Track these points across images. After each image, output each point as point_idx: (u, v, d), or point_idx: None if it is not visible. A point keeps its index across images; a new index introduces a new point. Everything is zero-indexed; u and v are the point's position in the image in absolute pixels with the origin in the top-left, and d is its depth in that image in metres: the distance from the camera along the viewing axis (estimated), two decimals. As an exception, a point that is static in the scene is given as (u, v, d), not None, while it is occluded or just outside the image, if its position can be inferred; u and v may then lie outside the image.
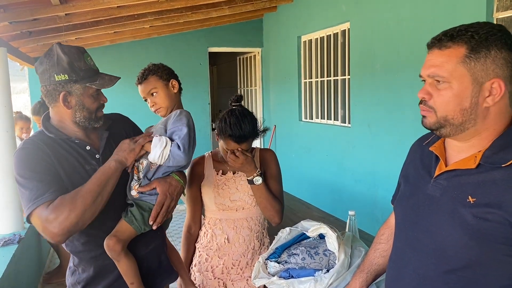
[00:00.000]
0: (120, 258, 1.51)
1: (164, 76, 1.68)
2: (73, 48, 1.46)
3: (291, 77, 6.14)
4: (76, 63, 1.44)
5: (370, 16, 4.32)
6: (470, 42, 0.98)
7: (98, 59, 1.61)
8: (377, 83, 4.26)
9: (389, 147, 4.08)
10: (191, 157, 1.59)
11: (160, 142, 1.53)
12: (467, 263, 1.01)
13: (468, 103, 1.00)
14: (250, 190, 1.91)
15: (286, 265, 1.63)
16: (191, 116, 1.65)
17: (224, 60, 9.77)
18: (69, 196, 1.37)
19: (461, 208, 1.02)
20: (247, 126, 1.76)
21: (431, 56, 1.04)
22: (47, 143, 1.47)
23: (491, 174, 1.00)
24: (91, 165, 1.51)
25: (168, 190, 1.55)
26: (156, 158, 1.52)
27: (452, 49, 1.00)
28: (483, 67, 0.98)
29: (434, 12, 3.50)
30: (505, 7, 3.01)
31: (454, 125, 1.03)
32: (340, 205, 4.82)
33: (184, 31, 6.40)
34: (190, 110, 1.71)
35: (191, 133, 1.57)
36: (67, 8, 3.78)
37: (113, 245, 1.49)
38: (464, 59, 0.98)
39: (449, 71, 1.00)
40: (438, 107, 1.04)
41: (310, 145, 5.73)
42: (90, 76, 1.45)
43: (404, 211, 1.22)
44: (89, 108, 1.49)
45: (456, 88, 1.00)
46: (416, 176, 1.21)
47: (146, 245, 1.64)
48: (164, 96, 1.66)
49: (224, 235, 1.93)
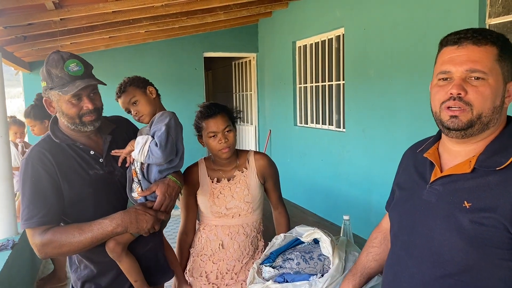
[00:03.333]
0: (121, 258, 1.60)
1: (140, 85, 1.78)
2: (56, 55, 1.49)
3: (286, 82, 6.15)
4: (52, 70, 1.48)
5: (364, 22, 4.34)
6: (499, 43, 1.02)
7: (93, 64, 1.62)
8: (371, 89, 4.28)
9: (383, 152, 4.09)
10: (170, 153, 1.63)
11: (143, 140, 1.61)
12: (463, 268, 1.02)
13: (499, 101, 1.03)
14: (245, 197, 1.92)
15: (281, 270, 1.63)
16: (176, 116, 1.72)
17: (219, 65, 9.78)
18: (63, 232, 1.48)
19: (457, 213, 1.02)
20: (216, 104, 1.91)
21: (464, 51, 1.03)
22: (51, 151, 1.53)
23: (485, 179, 1.01)
24: (94, 169, 1.58)
25: (167, 191, 1.63)
26: (137, 155, 1.60)
27: (488, 46, 1.02)
28: (508, 68, 1.03)
29: (427, 18, 3.53)
30: (497, 13, 3.04)
31: (482, 124, 1.03)
32: (335, 209, 4.82)
33: (179, 36, 6.41)
34: (184, 115, 1.76)
35: (170, 131, 1.63)
36: (62, 13, 3.77)
37: (113, 247, 1.56)
38: (498, 57, 1.01)
39: (488, 67, 1.01)
40: (477, 103, 1.02)
41: (305, 150, 5.74)
42: (63, 84, 1.47)
43: (400, 217, 1.22)
44: (68, 114, 1.52)
45: (493, 85, 1.02)
46: (411, 182, 1.21)
47: (144, 245, 1.70)
48: (144, 103, 1.75)
49: (219, 241, 1.93)
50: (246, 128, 7.61)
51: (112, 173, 1.64)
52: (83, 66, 1.52)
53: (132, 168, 1.66)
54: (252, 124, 7.46)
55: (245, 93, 7.71)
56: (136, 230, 1.55)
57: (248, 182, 1.94)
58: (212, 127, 1.84)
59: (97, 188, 1.57)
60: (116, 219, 1.53)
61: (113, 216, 1.53)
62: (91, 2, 3.81)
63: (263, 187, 2.00)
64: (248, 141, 7.65)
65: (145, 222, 1.56)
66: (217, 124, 1.84)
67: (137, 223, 1.54)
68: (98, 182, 1.58)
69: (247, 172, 1.95)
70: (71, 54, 1.52)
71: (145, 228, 1.56)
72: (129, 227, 1.54)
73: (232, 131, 1.88)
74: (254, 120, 7.39)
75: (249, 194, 1.92)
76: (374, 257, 1.41)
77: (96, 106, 1.56)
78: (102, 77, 1.59)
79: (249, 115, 7.55)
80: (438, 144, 1.19)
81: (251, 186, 1.93)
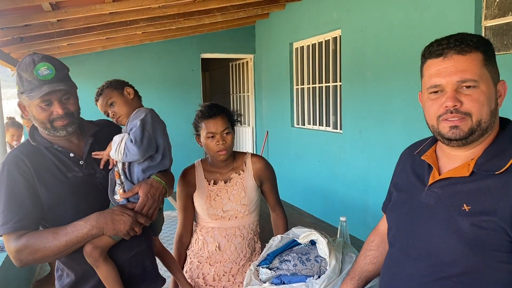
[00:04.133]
0: (98, 264, 1.51)
1: (117, 86, 1.74)
2: (28, 58, 1.44)
3: (283, 84, 6.16)
4: (23, 74, 1.44)
5: (361, 23, 4.36)
6: (482, 47, 1.02)
7: (90, 65, 1.62)
8: (368, 90, 4.29)
9: (380, 153, 4.10)
10: (147, 148, 1.55)
11: (119, 138, 1.57)
12: (463, 270, 1.02)
13: (494, 105, 1.04)
14: (242, 199, 1.92)
15: (277, 271, 1.63)
16: (154, 112, 1.66)
17: (216, 66, 9.79)
18: (37, 237, 1.43)
19: (457, 216, 1.02)
20: (217, 105, 1.91)
21: (450, 62, 1.03)
22: (28, 155, 1.49)
23: (484, 182, 1.01)
24: (73, 171, 1.53)
25: (150, 192, 1.55)
26: (114, 154, 1.55)
27: (473, 53, 1.02)
28: (494, 69, 1.04)
29: (423, 20, 3.54)
30: (493, 16, 3.06)
31: (482, 130, 1.04)
32: (332, 211, 4.83)
33: (176, 37, 6.41)
34: (182, 116, 1.75)
35: (145, 125, 1.57)
36: (59, 14, 3.77)
37: (90, 251, 1.48)
38: (484, 62, 1.02)
39: (478, 74, 1.01)
40: (475, 110, 1.02)
41: (302, 151, 5.75)
42: (31, 88, 1.43)
43: (398, 219, 1.22)
44: (38, 119, 1.49)
45: (486, 90, 1.02)
46: (408, 184, 1.21)
47: (129, 251, 1.62)
48: (121, 103, 1.71)
49: (215, 243, 1.93)
50: (243, 130, 7.61)
51: (93, 175, 1.58)
52: (55, 70, 1.45)
53: (115, 170, 1.60)
54: (249, 126, 7.46)
55: (242, 94, 7.71)
56: (113, 232, 1.47)
57: (245, 185, 1.94)
58: (211, 128, 1.85)
59: (76, 191, 1.51)
60: (91, 220, 1.45)
61: (88, 218, 1.46)
62: (88, 3, 3.81)
63: (259, 190, 2.00)
64: (245, 142, 7.66)
65: (123, 223, 1.47)
66: (216, 125, 1.85)
67: (113, 224, 1.46)
68: (77, 184, 1.52)
69: (244, 174, 1.96)
70: (44, 57, 1.46)
71: (122, 230, 1.47)
72: (105, 228, 1.45)
73: (230, 133, 1.88)
74: (251, 122, 7.39)
75: (246, 197, 1.93)
76: (372, 260, 1.41)
77: (69, 111, 1.50)
78: (100, 78, 1.58)
79: (246, 116, 7.56)
80: (435, 147, 1.19)
81: (248, 188, 1.94)
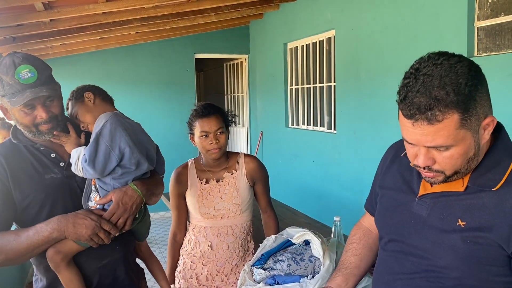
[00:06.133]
0: (59, 269, 1.45)
1: (77, 96, 1.62)
2: (9, 59, 1.38)
3: (278, 84, 6.16)
4: (3, 77, 1.38)
5: (355, 24, 4.37)
6: (458, 105, 0.90)
7: (83, 65, 1.60)
8: (362, 90, 4.31)
9: (374, 153, 4.11)
10: (104, 165, 1.45)
11: (76, 154, 1.49)
12: (458, 283, 1.01)
13: (473, 152, 0.97)
14: (234, 198, 1.92)
15: (271, 271, 1.63)
16: (116, 116, 1.54)
17: (211, 66, 9.78)
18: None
19: (451, 231, 1.01)
20: (211, 105, 1.92)
21: (420, 130, 0.93)
22: (6, 155, 1.46)
23: (479, 197, 0.99)
24: (52, 173, 1.49)
25: (122, 200, 1.47)
26: (75, 170, 1.48)
27: (446, 120, 0.90)
28: (476, 117, 0.93)
29: (417, 21, 3.56)
30: (485, 16, 3.08)
31: (463, 173, 1.00)
32: (326, 211, 4.83)
33: (170, 38, 6.39)
34: (176, 117, 1.71)
35: (101, 139, 1.46)
36: (52, 14, 3.75)
37: (51, 255, 1.43)
38: (461, 122, 0.91)
39: (451, 138, 0.93)
40: (448, 168, 0.98)
41: (297, 151, 5.75)
42: (13, 92, 1.37)
43: (389, 227, 1.20)
44: (22, 123, 1.44)
45: (461, 147, 0.95)
46: (396, 189, 1.19)
47: (99, 259, 1.54)
48: (82, 112, 1.60)
49: (208, 242, 1.93)
50: (237, 130, 7.61)
51: (72, 178, 1.52)
52: (37, 72, 1.38)
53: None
54: (243, 126, 7.46)
55: (237, 94, 7.71)
56: (74, 236, 1.40)
57: (237, 184, 1.94)
58: (205, 127, 1.85)
59: (51, 193, 1.47)
60: (52, 222, 1.39)
61: (50, 220, 1.40)
62: (81, 3, 3.79)
63: (252, 190, 2.00)
64: (239, 143, 7.65)
65: (84, 227, 1.39)
66: (210, 125, 1.85)
67: (74, 227, 1.39)
68: (53, 187, 1.47)
69: (237, 174, 1.96)
70: (25, 58, 1.39)
71: (84, 235, 1.39)
72: (66, 232, 1.39)
73: (224, 133, 1.88)
74: (245, 122, 7.39)
75: (238, 196, 1.93)
76: (354, 252, 1.38)
77: (53, 114, 1.45)
78: (93, 79, 1.54)
79: (240, 116, 7.55)
80: None
81: (240, 188, 1.94)
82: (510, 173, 0.98)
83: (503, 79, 2.88)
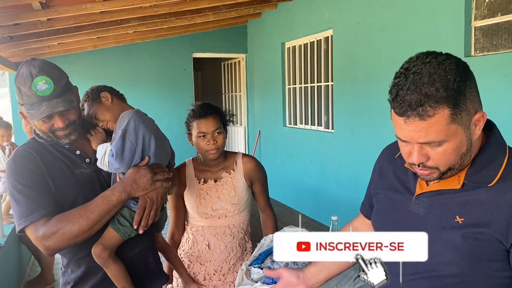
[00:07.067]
0: (108, 264, 1.53)
1: (93, 96, 1.69)
2: (26, 69, 1.41)
3: (275, 83, 6.17)
4: (22, 88, 1.42)
5: (352, 23, 4.38)
6: (448, 100, 0.92)
7: (81, 65, 1.61)
8: (360, 90, 4.32)
9: (371, 153, 4.11)
10: (130, 160, 1.53)
11: (102, 150, 1.54)
12: (459, 280, 1.02)
13: (465, 147, 0.98)
14: (232, 198, 1.92)
15: (269, 271, 1.64)
16: (138, 114, 1.61)
17: (208, 65, 9.78)
18: (68, 216, 1.42)
19: (450, 228, 1.01)
20: (209, 105, 1.90)
21: (412, 126, 0.96)
22: (36, 150, 1.50)
23: (476, 193, 1.00)
24: (81, 168, 1.55)
25: (148, 194, 1.55)
26: (100, 165, 1.54)
27: (437, 115, 0.92)
28: (467, 112, 0.95)
29: (414, 20, 3.57)
30: (483, 16, 3.09)
31: (456, 169, 1.01)
32: (323, 210, 4.84)
33: (168, 37, 6.39)
34: (174, 116, 1.72)
35: (127, 135, 1.54)
36: (49, 13, 3.74)
37: (99, 252, 1.51)
38: (452, 117, 0.93)
39: (443, 133, 0.94)
40: (442, 163, 0.99)
41: (294, 150, 5.76)
42: (31, 103, 1.41)
43: (386, 227, 1.19)
44: (41, 130, 1.49)
45: (454, 142, 0.96)
46: (392, 190, 1.19)
47: (132, 248, 1.64)
48: (102, 112, 1.67)
49: (205, 242, 1.93)
50: (235, 129, 7.61)
51: (99, 172, 1.60)
52: (53, 84, 1.41)
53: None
54: (241, 125, 7.46)
55: (235, 94, 7.71)
56: (140, 189, 1.50)
57: (235, 184, 1.94)
58: (202, 128, 1.85)
59: (82, 188, 1.53)
60: (117, 186, 1.49)
61: (113, 186, 1.50)
62: (78, 2, 3.79)
63: (250, 190, 2.00)
64: (237, 142, 7.66)
65: (144, 177, 1.51)
66: (207, 125, 1.84)
67: (136, 183, 1.50)
68: (83, 182, 1.54)
69: (235, 174, 1.96)
70: (42, 69, 1.41)
71: (146, 184, 1.51)
72: (131, 190, 1.49)
73: (222, 133, 1.88)
74: (243, 121, 7.39)
75: (236, 196, 1.93)
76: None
77: (70, 121, 1.50)
78: (91, 78, 1.56)
79: (238, 116, 7.55)
80: None
81: (238, 188, 1.94)
82: (504, 168, 1.00)
83: (500, 79, 2.89)
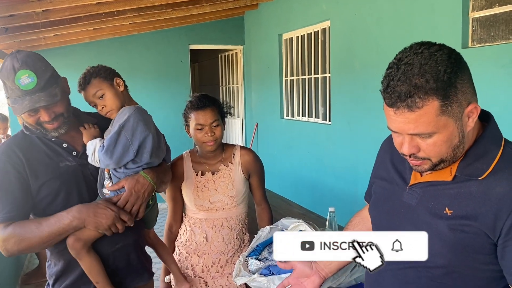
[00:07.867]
0: (81, 256, 1.50)
1: (107, 76, 1.61)
2: (9, 63, 1.38)
3: (273, 75, 6.15)
4: (6, 82, 1.41)
5: (350, 15, 4.36)
6: (438, 91, 0.91)
7: (77, 57, 1.59)
8: (357, 81, 4.31)
9: (368, 144, 4.13)
10: (122, 156, 1.50)
11: (92, 146, 1.52)
12: (446, 272, 1.03)
13: (457, 139, 0.98)
14: (229, 191, 1.92)
15: (266, 262, 1.65)
16: (139, 111, 1.57)
17: (205, 57, 9.73)
18: (24, 226, 1.43)
19: (438, 219, 1.02)
20: (207, 96, 1.89)
21: (401, 117, 0.96)
22: (21, 146, 1.49)
23: (467, 186, 1.01)
24: (67, 161, 1.54)
25: (134, 188, 1.52)
26: (91, 161, 1.52)
27: (426, 106, 0.92)
28: (458, 104, 0.94)
29: (412, 11, 3.56)
30: (480, 7, 3.08)
31: (449, 161, 1.01)
32: (321, 202, 4.86)
33: (164, 28, 6.35)
34: (171, 108, 1.71)
35: (123, 131, 1.50)
36: (45, 4, 3.71)
37: (72, 243, 1.47)
38: (441, 109, 0.93)
39: (432, 125, 0.94)
40: (433, 154, 0.99)
41: (291, 142, 5.76)
42: (15, 97, 1.40)
43: (379, 217, 1.22)
44: (28, 122, 1.47)
45: (444, 134, 0.96)
46: (389, 180, 1.20)
47: (113, 244, 1.60)
48: (111, 96, 1.59)
49: (203, 234, 1.94)
50: (232, 121, 7.60)
51: (86, 166, 1.57)
52: (36, 77, 1.39)
53: None
54: (238, 117, 7.45)
55: (232, 86, 7.69)
56: (94, 225, 1.45)
57: (233, 177, 1.94)
58: (200, 120, 1.84)
59: (67, 181, 1.51)
60: (73, 211, 1.44)
61: (71, 209, 1.45)
62: (74, -7, 3.76)
63: (248, 182, 2.01)
64: (235, 134, 7.65)
65: (104, 217, 1.45)
66: (205, 117, 1.84)
67: (95, 217, 1.44)
68: (68, 174, 1.52)
69: (232, 166, 1.96)
70: (24, 62, 1.38)
71: (103, 224, 1.45)
72: (86, 221, 1.44)
73: (219, 125, 1.87)
74: (240, 113, 7.38)
75: (233, 189, 1.93)
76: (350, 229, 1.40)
77: (57, 113, 1.47)
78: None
79: (235, 108, 7.54)
80: None
81: (236, 180, 1.94)
82: (497, 162, 1.00)
83: (497, 70, 2.89)
